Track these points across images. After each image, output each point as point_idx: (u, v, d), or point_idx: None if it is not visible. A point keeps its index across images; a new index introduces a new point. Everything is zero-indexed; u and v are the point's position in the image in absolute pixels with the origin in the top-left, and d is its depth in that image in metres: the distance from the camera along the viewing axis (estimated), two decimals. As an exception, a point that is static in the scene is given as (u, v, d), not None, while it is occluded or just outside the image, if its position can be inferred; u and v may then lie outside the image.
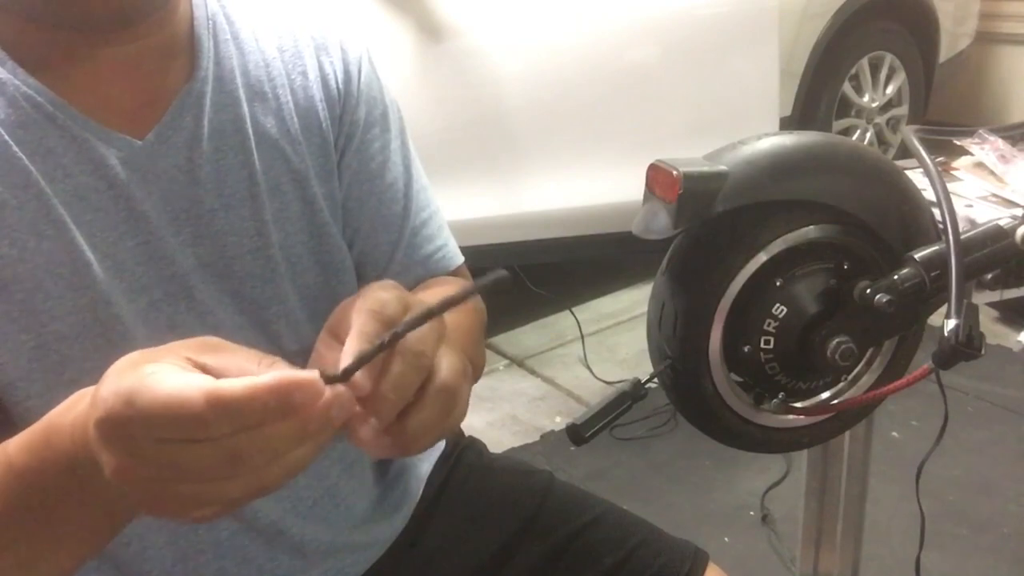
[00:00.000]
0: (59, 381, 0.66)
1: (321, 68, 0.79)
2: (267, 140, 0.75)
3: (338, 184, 0.79)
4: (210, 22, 0.74)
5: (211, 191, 0.71)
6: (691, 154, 0.83)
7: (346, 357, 0.49)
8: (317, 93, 0.78)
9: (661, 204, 0.81)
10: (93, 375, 0.66)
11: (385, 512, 0.87)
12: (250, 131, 0.74)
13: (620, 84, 2.55)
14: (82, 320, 0.66)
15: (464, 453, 0.97)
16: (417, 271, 0.83)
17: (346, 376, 0.49)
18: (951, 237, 0.81)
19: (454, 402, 0.54)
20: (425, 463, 0.94)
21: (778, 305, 0.83)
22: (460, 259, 0.88)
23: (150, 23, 0.68)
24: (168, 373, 0.45)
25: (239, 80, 0.74)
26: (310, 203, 0.76)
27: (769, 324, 0.84)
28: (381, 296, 0.53)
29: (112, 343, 0.67)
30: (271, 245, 0.74)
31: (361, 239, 0.81)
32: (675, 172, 0.78)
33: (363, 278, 0.81)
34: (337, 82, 0.79)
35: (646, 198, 0.84)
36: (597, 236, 2.46)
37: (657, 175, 0.81)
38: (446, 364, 0.54)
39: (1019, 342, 2.54)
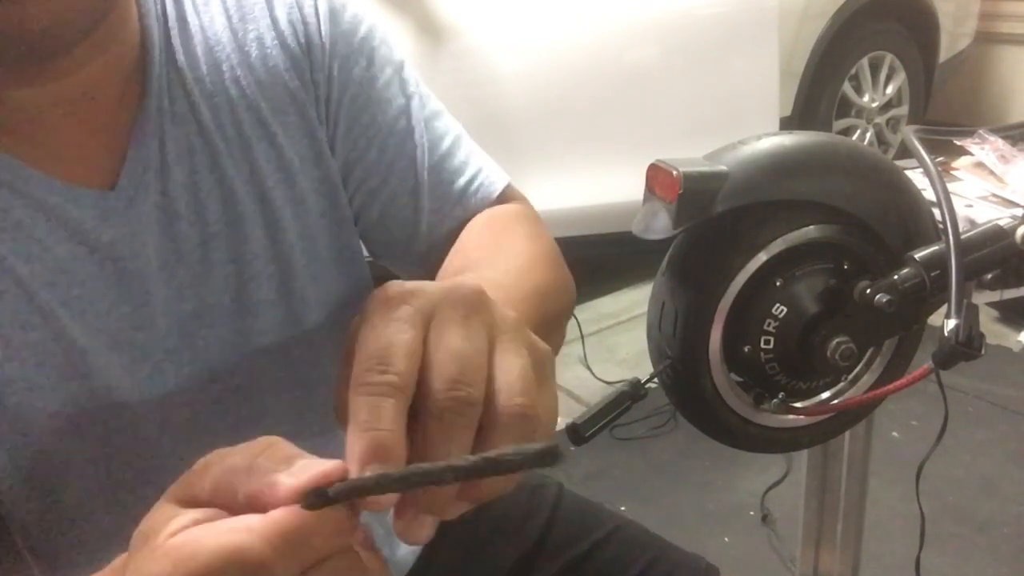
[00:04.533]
0: (62, 482, 0.59)
1: (275, 25, 0.66)
2: (238, 144, 0.64)
3: (333, 160, 0.69)
4: (157, 6, 0.63)
5: (194, 223, 0.62)
6: (691, 154, 0.83)
7: (350, 463, 0.37)
8: (280, 60, 0.66)
9: (661, 204, 0.81)
10: (97, 479, 0.60)
11: (394, 555, 0.83)
12: (217, 140, 0.63)
13: (620, 84, 2.55)
14: (80, 412, 0.58)
15: None
16: (455, 213, 0.72)
17: (332, 502, 0.36)
18: (951, 237, 0.81)
19: (531, 423, 0.39)
20: None
21: (778, 305, 0.83)
22: (502, 182, 0.75)
23: (90, 47, 0.57)
24: (200, 527, 0.36)
25: (189, 75, 0.63)
26: (301, 203, 0.67)
27: (769, 324, 0.84)
28: (381, 337, 0.38)
29: (118, 431, 0.61)
30: (268, 268, 0.65)
31: (379, 202, 0.71)
32: (675, 172, 0.78)
33: (394, 245, 0.73)
34: (297, 36, 0.67)
35: (646, 198, 0.84)
36: (597, 236, 2.47)
37: (657, 175, 0.81)
38: (506, 371, 0.39)
39: (1019, 342, 2.54)
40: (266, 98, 0.65)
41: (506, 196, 0.76)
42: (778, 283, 0.83)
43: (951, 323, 0.77)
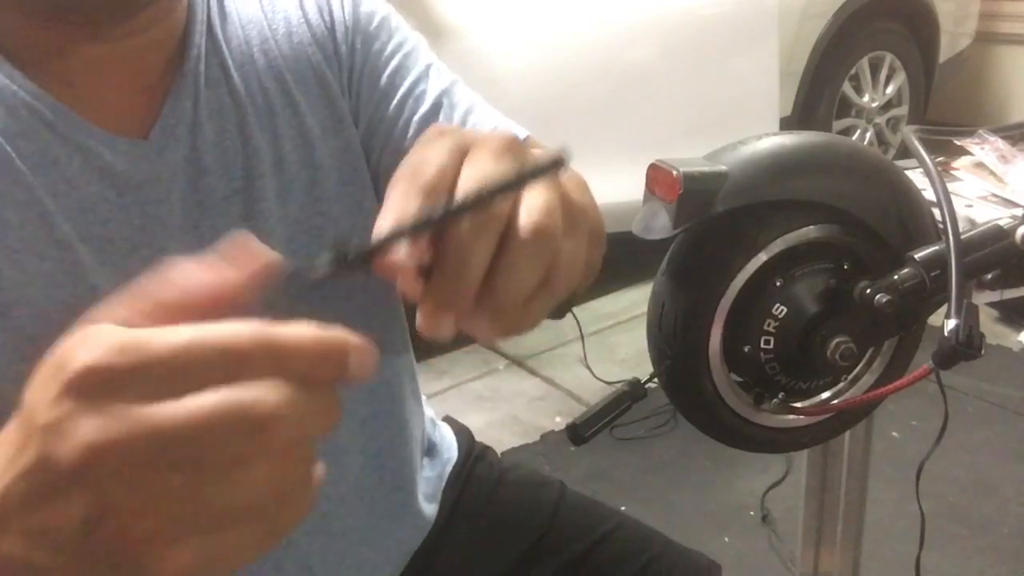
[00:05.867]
0: None
1: (302, 5, 0.73)
2: (264, 110, 0.70)
3: (355, 131, 0.73)
4: None
5: (221, 178, 0.67)
6: (691, 154, 0.83)
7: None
8: (304, 37, 0.72)
9: (661, 204, 0.81)
10: None
11: (396, 534, 0.83)
12: (246, 103, 0.69)
13: (620, 84, 2.55)
14: None
15: (476, 467, 0.94)
16: None
17: (355, 264, 0.37)
18: (951, 237, 0.81)
19: (551, 245, 0.40)
20: (435, 484, 0.89)
21: (778, 305, 0.83)
22: (523, 133, 0.79)
23: (153, 13, 0.63)
24: None
25: (224, 46, 0.69)
26: (318, 168, 0.71)
27: (769, 324, 0.84)
28: (420, 155, 0.42)
29: None
30: (277, 228, 0.69)
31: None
32: (675, 172, 0.78)
33: None
34: (322, 15, 0.73)
35: (646, 198, 0.84)
36: (597, 236, 2.46)
37: (657, 175, 0.81)
38: (532, 196, 0.41)
39: (1019, 342, 2.54)
40: (290, 70, 0.71)
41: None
42: (778, 283, 0.83)
43: (951, 323, 0.77)
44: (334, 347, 0.35)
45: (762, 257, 0.82)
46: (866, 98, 3.60)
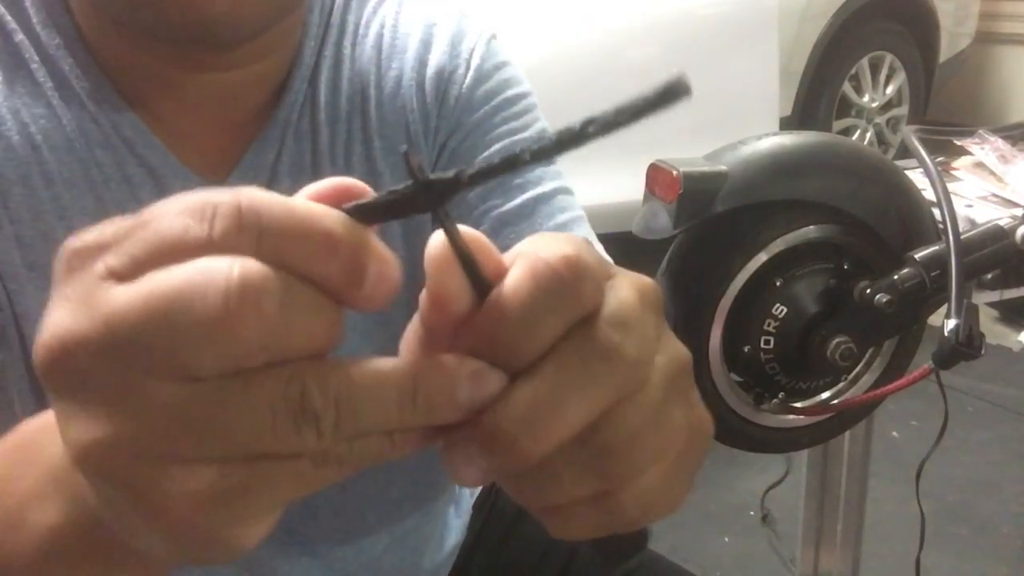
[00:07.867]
0: None
1: (420, 67, 0.66)
2: (346, 174, 0.63)
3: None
4: (319, 28, 0.64)
5: None
6: (691, 154, 0.83)
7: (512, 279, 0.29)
8: (408, 101, 0.66)
9: (661, 204, 0.81)
10: None
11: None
12: (326, 165, 0.64)
13: (620, 84, 2.55)
14: None
15: (497, 500, 0.90)
16: None
17: (365, 212, 0.28)
18: (951, 237, 0.81)
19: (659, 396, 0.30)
20: (458, 535, 0.85)
21: (778, 305, 0.83)
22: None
23: (253, 49, 0.58)
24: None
25: (323, 98, 0.64)
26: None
27: (769, 324, 0.84)
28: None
29: None
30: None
31: None
32: (675, 172, 0.78)
33: None
34: (439, 80, 0.66)
35: (646, 198, 0.84)
36: (597, 236, 2.46)
37: (657, 175, 0.81)
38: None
39: (1019, 342, 2.54)
40: (383, 136, 0.65)
41: None
42: (778, 283, 0.83)
43: (951, 323, 0.77)
44: (344, 239, 0.28)
45: (762, 257, 0.82)
46: (866, 98, 3.60)
